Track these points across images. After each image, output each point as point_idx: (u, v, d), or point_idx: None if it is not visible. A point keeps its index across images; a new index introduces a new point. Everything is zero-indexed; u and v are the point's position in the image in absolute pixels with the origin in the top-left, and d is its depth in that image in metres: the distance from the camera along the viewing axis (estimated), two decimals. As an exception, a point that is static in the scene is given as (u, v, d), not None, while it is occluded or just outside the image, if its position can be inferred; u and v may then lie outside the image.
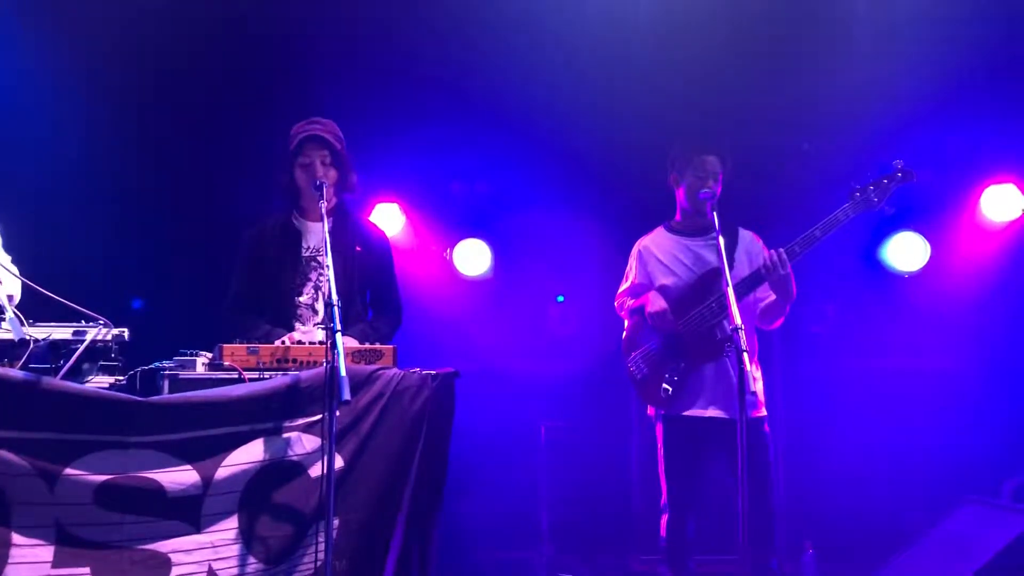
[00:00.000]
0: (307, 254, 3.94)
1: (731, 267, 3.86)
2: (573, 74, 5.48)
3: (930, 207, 5.69)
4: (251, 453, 3.10)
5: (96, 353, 3.25)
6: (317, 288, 3.90)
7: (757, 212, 4.86)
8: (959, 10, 5.23)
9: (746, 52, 5.36)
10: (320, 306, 3.84)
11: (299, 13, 5.25)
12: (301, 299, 3.90)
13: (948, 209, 5.76)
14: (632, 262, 4.46)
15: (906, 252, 5.76)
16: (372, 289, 4.02)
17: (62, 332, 3.26)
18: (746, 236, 4.36)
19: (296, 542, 3.15)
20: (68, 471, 2.90)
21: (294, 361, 3.38)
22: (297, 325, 3.85)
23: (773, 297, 4.19)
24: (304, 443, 3.17)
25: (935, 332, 5.72)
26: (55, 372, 3.14)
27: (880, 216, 4.20)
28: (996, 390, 5.64)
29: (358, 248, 3.94)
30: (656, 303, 4.21)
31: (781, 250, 4.06)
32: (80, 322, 3.28)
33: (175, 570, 2.99)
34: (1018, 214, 5.60)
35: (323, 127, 3.92)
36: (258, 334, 3.65)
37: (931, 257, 5.73)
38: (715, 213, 3.89)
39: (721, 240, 3.75)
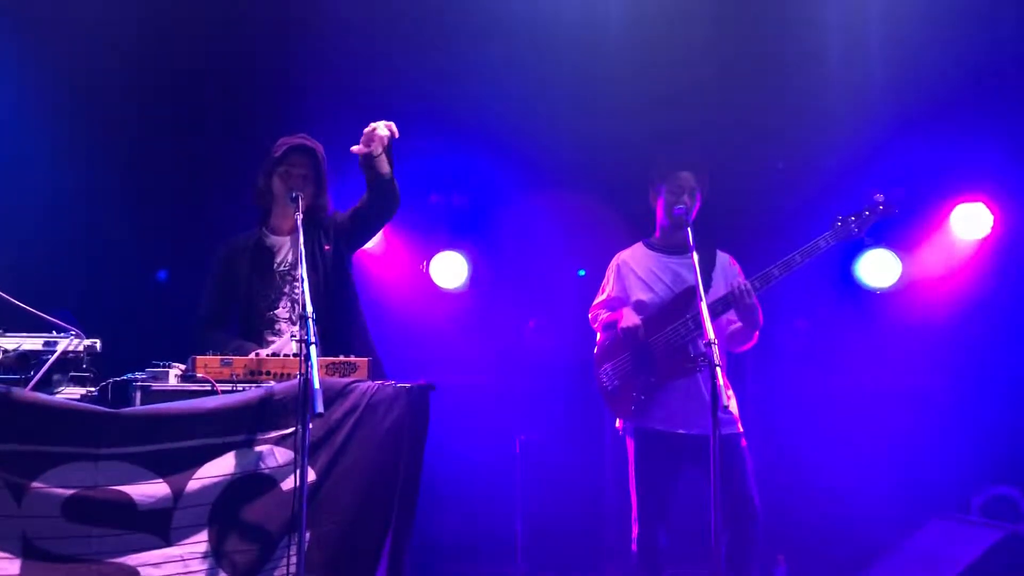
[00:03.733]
0: (280, 268, 3.94)
1: (708, 286, 3.92)
2: (551, 88, 5.52)
3: (902, 225, 5.76)
4: (223, 466, 3.08)
5: (67, 364, 3.23)
6: (293, 301, 3.89)
7: (732, 230, 4.91)
8: (929, 32, 5.32)
9: (722, 73, 5.42)
10: (297, 317, 3.83)
11: (276, 27, 5.25)
12: (277, 312, 3.89)
13: (919, 227, 5.83)
14: (610, 275, 4.49)
15: (878, 269, 5.82)
16: (356, 215, 3.98)
17: (33, 343, 3.23)
18: (723, 258, 4.41)
19: (267, 555, 3.12)
20: (36, 484, 2.88)
21: (268, 373, 3.37)
22: (273, 339, 3.84)
23: (740, 324, 4.26)
24: (276, 456, 3.16)
25: (906, 348, 5.78)
26: (25, 383, 3.12)
27: (859, 244, 4.30)
28: (966, 406, 5.70)
29: (326, 247, 3.95)
30: (629, 318, 4.24)
31: (747, 282, 4.16)
32: (51, 333, 3.26)
33: (144, 583, 2.96)
34: (987, 231, 5.68)
35: (311, 142, 3.95)
36: (230, 349, 3.62)
37: (903, 274, 5.79)
38: (690, 229, 3.94)
39: (695, 256, 3.80)
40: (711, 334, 3.50)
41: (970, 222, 5.71)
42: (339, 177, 4.10)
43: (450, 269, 6.05)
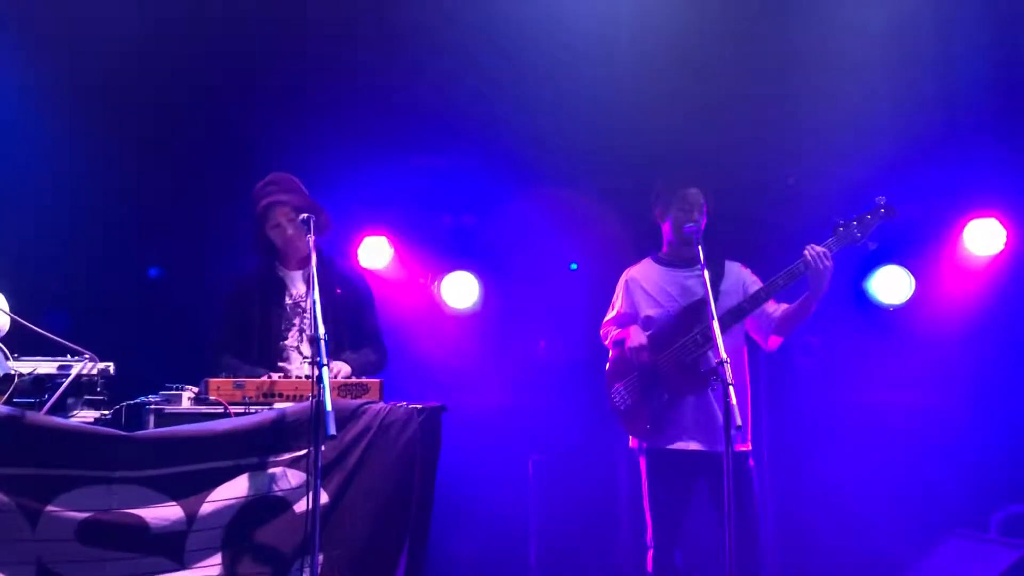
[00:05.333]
0: (291, 301, 3.97)
1: (717, 299, 3.90)
2: (562, 107, 5.52)
3: (914, 240, 5.74)
4: (236, 489, 3.09)
5: (81, 387, 3.25)
6: (302, 331, 3.92)
7: (742, 245, 4.89)
8: (940, 46, 5.32)
9: (733, 88, 5.43)
10: (305, 347, 3.85)
11: (288, 44, 5.28)
12: (286, 342, 3.93)
13: (932, 243, 5.80)
14: (619, 291, 4.49)
15: (891, 285, 5.79)
16: (354, 329, 4.01)
17: (47, 366, 3.26)
18: (733, 267, 4.40)
19: (280, 579, 3.13)
20: (51, 508, 2.89)
21: (280, 395, 3.38)
22: (283, 365, 3.87)
23: (787, 307, 4.18)
24: (289, 478, 3.17)
25: (920, 365, 5.74)
26: (40, 407, 3.14)
27: (863, 251, 4.26)
28: (982, 423, 5.65)
29: (338, 290, 3.97)
30: (636, 338, 4.23)
31: (821, 247, 4.05)
32: (66, 356, 3.28)
33: (158, 607, 2.96)
34: (1001, 247, 5.65)
35: (279, 188, 3.95)
36: (242, 374, 3.63)
37: (915, 290, 5.76)
38: (700, 246, 3.94)
39: (706, 273, 3.80)
40: (723, 353, 3.49)
41: (983, 238, 5.68)
42: (345, 191, 4.11)
43: (461, 289, 6.04)
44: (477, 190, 5.93)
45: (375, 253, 5.84)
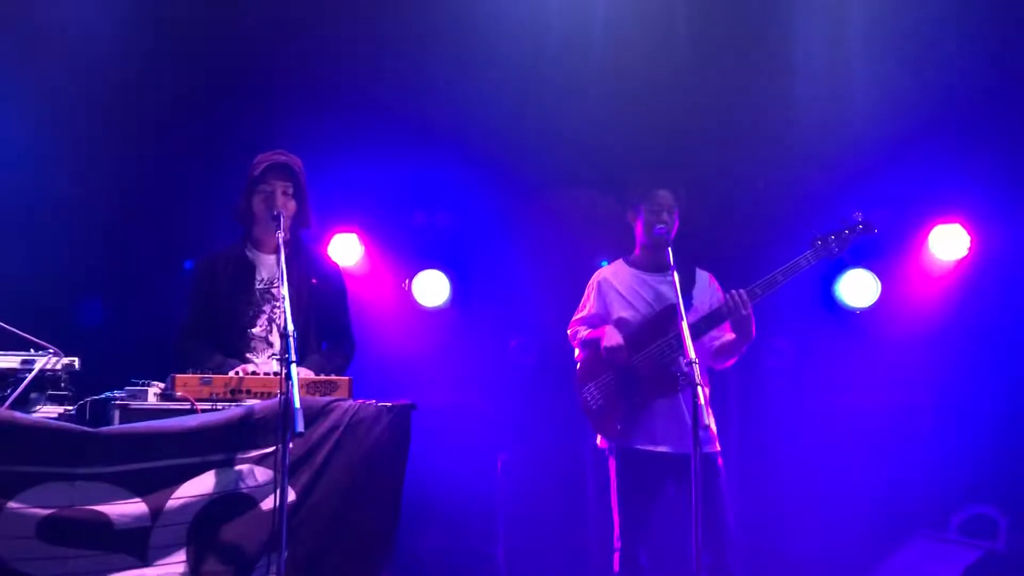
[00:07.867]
0: (260, 286, 3.90)
1: (688, 305, 3.94)
2: (535, 108, 5.55)
3: (881, 245, 5.80)
4: (202, 485, 3.06)
5: (45, 382, 3.21)
6: (271, 320, 3.87)
7: (712, 250, 4.94)
8: (909, 55, 5.40)
9: (703, 92, 5.48)
10: (274, 338, 3.81)
11: (260, 43, 5.25)
12: (254, 331, 3.86)
13: (898, 248, 5.88)
14: (590, 292, 4.50)
15: (857, 289, 5.87)
16: (325, 321, 3.98)
17: (10, 361, 3.21)
18: (703, 276, 4.43)
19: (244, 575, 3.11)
20: (12, 504, 2.85)
21: (248, 392, 3.35)
22: (250, 357, 3.81)
23: (731, 337, 4.26)
24: (256, 475, 3.14)
25: (885, 367, 5.82)
26: (1, 402, 3.09)
27: (839, 264, 4.32)
28: (945, 424, 5.74)
29: (313, 280, 3.92)
30: (612, 338, 4.24)
31: (743, 291, 4.14)
32: (29, 351, 3.23)
33: (121, 605, 2.93)
34: (964, 253, 5.74)
35: (288, 158, 3.91)
36: (211, 364, 3.60)
37: (881, 294, 5.84)
38: (670, 249, 3.95)
39: (676, 276, 3.82)
40: (692, 353, 3.52)
41: (948, 243, 5.77)
42: (316, 187, 4.08)
43: (432, 287, 6.04)
44: (448, 188, 5.93)
45: (345, 250, 5.82)
